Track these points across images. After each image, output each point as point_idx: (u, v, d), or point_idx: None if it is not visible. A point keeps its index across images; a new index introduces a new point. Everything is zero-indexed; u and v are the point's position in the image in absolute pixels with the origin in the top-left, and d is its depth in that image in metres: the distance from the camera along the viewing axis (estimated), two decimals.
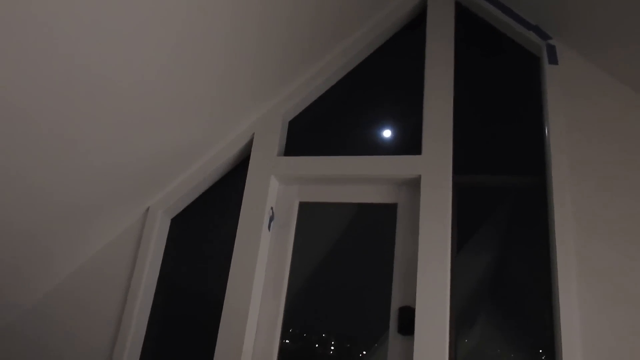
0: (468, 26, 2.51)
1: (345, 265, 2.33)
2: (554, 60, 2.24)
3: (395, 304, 2.15)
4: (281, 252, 2.40)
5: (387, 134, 2.47)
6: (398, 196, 2.34)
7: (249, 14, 2.02)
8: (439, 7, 2.51)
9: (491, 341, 2.03)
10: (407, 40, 2.58)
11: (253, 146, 2.52)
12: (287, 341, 2.29)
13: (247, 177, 2.46)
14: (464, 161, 2.25)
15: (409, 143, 2.37)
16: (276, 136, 2.51)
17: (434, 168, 2.20)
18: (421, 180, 2.20)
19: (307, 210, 2.48)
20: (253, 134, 2.55)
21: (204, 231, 2.55)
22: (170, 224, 2.62)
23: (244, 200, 2.41)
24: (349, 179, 2.37)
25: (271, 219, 2.43)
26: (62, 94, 1.75)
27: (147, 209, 2.55)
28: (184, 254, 2.54)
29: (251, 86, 2.38)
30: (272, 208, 2.44)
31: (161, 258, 2.55)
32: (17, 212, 2.04)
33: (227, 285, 2.28)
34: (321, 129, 2.56)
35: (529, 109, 2.29)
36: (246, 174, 2.47)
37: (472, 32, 2.50)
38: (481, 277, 2.13)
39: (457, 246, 2.14)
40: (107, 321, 2.40)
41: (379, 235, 2.31)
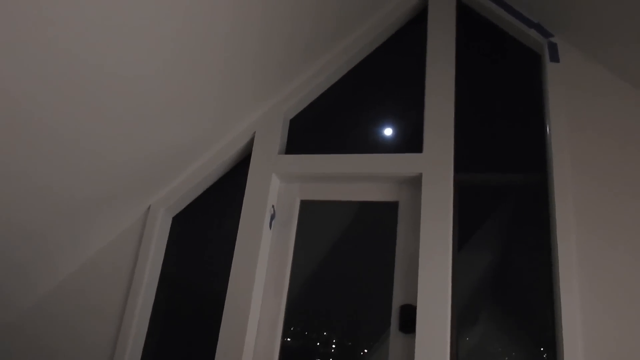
0: (469, 24, 2.50)
1: (346, 264, 2.33)
2: (555, 58, 2.24)
3: (397, 302, 2.15)
4: (282, 251, 2.40)
5: (388, 132, 2.46)
6: (399, 194, 2.34)
7: (251, 12, 2.02)
8: (440, 5, 2.51)
9: (492, 339, 2.03)
10: (408, 38, 2.58)
11: (254, 144, 2.52)
12: (289, 339, 2.29)
13: (249, 176, 2.46)
14: (465, 159, 2.24)
15: (410, 141, 2.37)
16: (277, 134, 2.51)
17: (435, 166, 2.20)
18: (422, 178, 2.20)
19: (308, 208, 2.48)
20: (254, 132, 2.55)
21: (206, 229, 2.55)
22: (172, 222, 2.62)
23: (245, 198, 2.42)
24: (350, 177, 2.37)
25: (272, 217, 2.43)
26: (64, 92, 1.75)
27: (149, 207, 2.55)
28: (185, 252, 2.55)
29: (252, 84, 2.38)
30: (273, 206, 2.45)
31: (163, 256, 2.55)
32: (18, 210, 2.05)
33: (229, 284, 2.28)
34: (322, 127, 2.56)
35: (530, 106, 2.29)
36: (247, 172, 2.48)
37: (473, 29, 2.49)
38: (482, 275, 2.13)
39: (458, 244, 2.14)
40: (109, 319, 2.40)
41: (380, 234, 2.31)
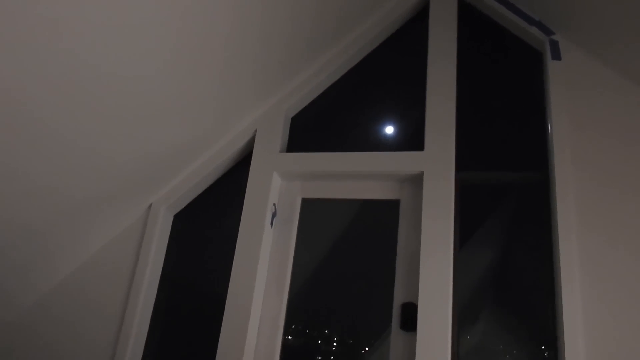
0: (471, 22, 2.50)
1: (347, 262, 2.34)
2: (556, 55, 2.23)
3: (398, 300, 2.15)
4: (284, 249, 2.40)
5: (389, 130, 2.46)
6: (400, 192, 2.33)
7: (251, 10, 2.01)
8: (442, 3, 2.50)
9: (494, 337, 2.03)
10: (410, 36, 2.57)
11: (255, 142, 2.52)
12: (290, 337, 2.29)
13: (250, 174, 2.46)
14: (467, 157, 2.24)
15: (412, 139, 2.37)
16: (279, 132, 2.51)
17: (437, 164, 2.20)
18: (424, 177, 2.20)
19: (309, 206, 2.48)
20: (255, 130, 2.55)
21: (207, 227, 2.56)
22: (173, 221, 2.62)
23: (246, 196, 2.42)
24: (351, 175, 2.37)
25: (274, 215, 2.43)
26: (64, 91, 1.75)
27: (150, 206, 2.55)
28: (186, 250, 2.55)
29: (253, 82, 2.37)
30: (274, 204, 2.44)
31: (164, 254, 2.55)
32: (19, 209, 2.05)
33: (230, 282, 2.28)
34: (324, 125, 2.56)
35: (531, 104, 2.28)
36: (249, 170, 2.47)
37: (474, 27, 2.49)
38: (483, 274, 2.12)
39: (459, 242, 2.14)
40: (110, 318, 2.40)
41: (381, 232, 2.31)
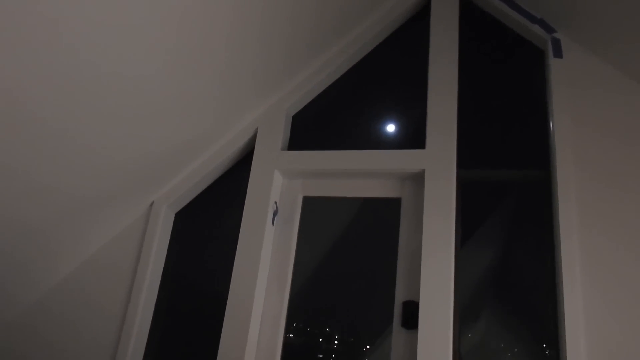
0: (472, 19, 2.49)
1: (348, 260, 2.34)
2: (558, 53, 2.23)
3: (399, 298, 2.15)
4: (285, 247, 2.40)
5: (390, 128, 2.46)
6: (402, 190, 2.33)
7: (252, 9, 2.01)
8: (443, 1, 2.49)
9: (495, 336, 2.03)
10: (411, 34, 2.57)
11: (257, 140, 2.52)
12: (291, 335, 2.30)
13: (251, 172, 2.46)
14: (468, 155, 2.24)
15: (413, 137, 2.37)
16: (280, 130, 2.51)
17: (438, 162, 2.20)
18: (425, 175, 2.20)
19: (310, 204, 2.48)
20: (257, 128, 2.55)
21: (208, 226, 2.56)
22: (175, 219, 2.62)
23: (247, 194, 2.42)
24: (352, 173, 2.37)
25: (275, 213, 2.43)
26: (65, 90, 1.75)
27: (152, 204, 2.56)
28: (188, 248, 2.55)
29: (254, 80, 2.37)
30: (276, 202, 2.44)
31: (165, 252, 2.56)
32: (21, 207, 2.05)
33: (232, 280, 2.28)
34: (325, 123, 2.56)
35: (533, 102, 2.28)
36: (250, 168, 2.48)
37: (476, 25, 2.48)
38: (485, 272, 2.12)
39: (460, 240, 2.14)
40: (112, 316, 2.41)
41: (382, 230, 2.31)
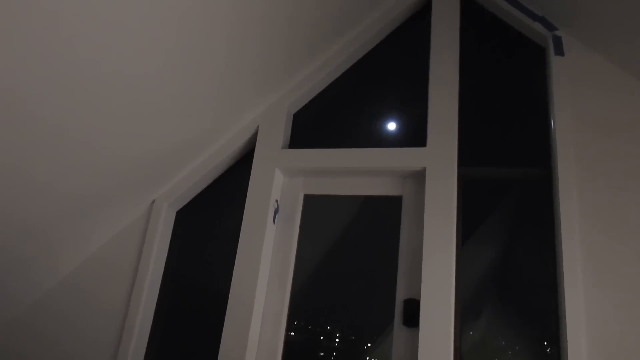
0: (473, 17, 2.49)
1: (349, 258, 2.33)
2: (560, 51, 2.23)
3: (400, 296, 2.15)
4: (286, 245, 2.40)
5: (392, 126, 2.46)
6: (403, 188, 2.33)
7: (253, 6, 2.01)
8: None
9: (496, 334, 2.03)
10: (412, 32, 2.57)
11: (258, 139, 2.52)
12: (292, 333, 2.30)
13: (252, 170, 2.46)
14: (469, 153, 2.24)
15: (414, 135, 2.36)
16: (281, 129, 2.51)
17: (439, 160, 2.20)
18: (426, 173, 2.20)
19: (312, 202, 2.48)
20: (257, 126, 2.55)
21: (209, 224, 2.56)
22: (176, 217, 2.62)
23: (248, 193, 2.41)
24: (353, 171, 2.37)
25: (276, 211, 2.43)
26: (67, 89, 1.75)
27: (152, 202, 2.56)
28: (189, 246, 2.55)
29: (255, 79, 2.37)
30: (277, 201, 2.44)
31: (166, 251, 2.56)
32: (22, 206, 2.05)
33: (233, 278, 2.28)
34: (326, 121, 2.55)
35: (534, 100, 2.28)
36: (251, 166, 2.47)
37: (477, 23, 2.48)
38: (486, 270, 2.13)
39: (462, 239, 2.14)
40: (113, 314, 2.41)
41: (383, 228, 2.31)
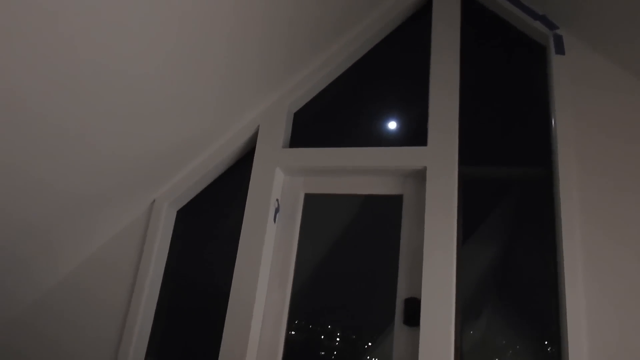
0: (474, 16, 2.49)
1: (350, 257, 2.33)
2: (560, 50, 2.22)
3: (401, 295, 2.15)
4: (287, 244, 2.40)
5: (392, 125, 2.46)
6: (403, 187, 2.33)
7: (254, 5, 2.01)
8: None
9: (496, 333, 2.03)
10: (413, 31, 2.56)
11: (258, 138, 2.52)
12: (293, 332, 2.30)
13: (253, 169, 2.46)
14: (470, 152, 2.24)
15: (415, 134, 2.36)
16: (281, 128, 2.51)
17: (440, 159, 2.20)
18: (427, 172, 2.19)
19: (312, 201, 2.48)
20: (258, 125, 2.55)
21: (210, 223, 2.56)
22: (176, 216, 2.63)
23: (249, 192, 2.41)
24: (354, 170, 2.37)
25: (277, 210, 2.43)
26: (68, 87, 1.75)
27: (153, 202, 2.56)
28: (190, 246, 2.55)
29: (256, 78, 2.37)
30: (277, 200, 2.44)
31: (167, 250, 2.56)
32: (22, 205, 2.05)
33: (233, 277, 2.28)
34: (327, 120, 2.55)
35: (535, 99, 2.27)
36: (251, 166, 2.47)
37: (478, 22, 2.48)
38: (486, 269, 2.12)
39: (462, 238, 2.14)
40: (114, 314, 2.41)
41: (384, 227, 2.31)
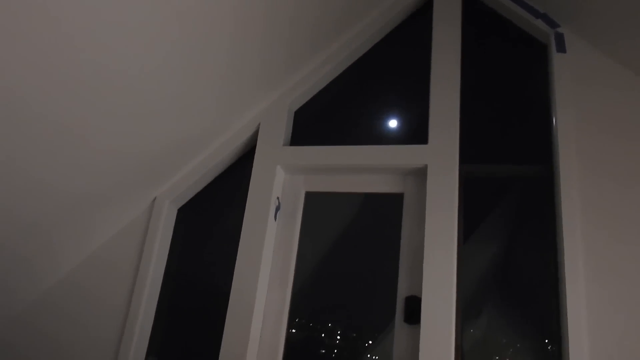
0: (475, 14, 2.48)
1: (351, 255, 2.33)
2: (562, 48, 2.22)
3: (402, 294, 2.15)
4: (287, 242, 2.40)
5: (393, 123, 2.46)
6: (404, 186, 2.33)
7: (254, 4, 2.01)
8: None
9: (497, 331, 2.03)
10: (414, 29, 2.56)
11: (259, 136, 2.52)
12: (294, 331, 2.30)
13: (253, 167, 2.46)
14: (471, 150, 2.23)
15: (416, 132, 2.36)
16: (282, 126, 2.51)
17: (441, 157, 2.19)
18: (427, 170, 2.19)
19: (313, 200, 2.48)
20: (259, 124, 2.55)
21: (211, 221, 2.56)
22: (177, 214, 2.63)
23: (250, 190, 2.41)
24: (355, 168, 2.37)
25: (277, 208, 2.43)
26: (68, 86, 1.75)
27: (154, 200, 2.56)
28: (190, 244, 2.55)
29: (257, 76, 2.37)
30: (278, 198, 2.45)
31: (168, 248, 2.56)
32: (23, 204, 2.05)
33: (234, 275, 2.28)
34: (327, 118, 2.55)
35: (536, 97, 2.27)
36: (252, 164, 2.47)
37: (479, 20, 2.47)
38: (487, 267, 2.12)
39: (463, 236, 2.13)
40: (115, 312, 2.41)
41: (385, 225, 2.31)
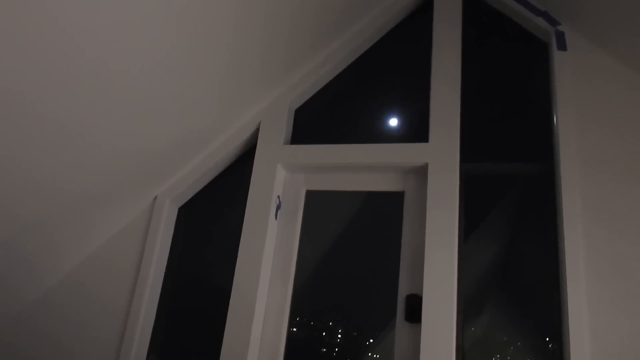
0: (475, 12, 2.48)
1: (352, 254, 2.34)
2: (562, 46, 2.22)
3: (402, 292, 2.15)
4: (288, 241, 2.40)
5: (394, 121, 2.45)
6: (405, 184, 2.33)
7: (255, 3, 2.00)
8: None
9: (498, 329, 2.03)
10: (414, 27, 2.56)
11: (259, 135, 2.52)
12: (295, 329, 2.30)
13: (254, 166, 2.46)
14: (472, 149, 2.23)
15: (416, 130, 2.36)
16: (282, 124, 2.51)
17: (441, 156, 2.19)
18: (428, 168, 2.19)
19: (314, 198, 2.48)
20: (259, 122, 2.55)
21: (211, 220, 2.56)
22: (178, 213, 2.63)
23: (250, 188, 2.42)
24: (355, 167, 2.37)
25: (278, 207, 2.43)
26: (70, 85, 1.75)
27: (155, 198, 2.56)
28: (191, 242, 2.55)
29: (257, 75, 2.37)
30: (279, 196, 2.44)
31: (169, 247, 2.56)
32: (24, 203, 2.05)
33: (235, 274, 2.29)
34: (328, 117, 2.55)
35: (537, 95, 2.27)
36: (253, 162, 2.47)
37: (479, 18, 2.47)
38: (488, 266, 2.12)
39: (464, 234, 2.13)
40: (116, 311, 2.41)
41: (385, 224, 2.31)
